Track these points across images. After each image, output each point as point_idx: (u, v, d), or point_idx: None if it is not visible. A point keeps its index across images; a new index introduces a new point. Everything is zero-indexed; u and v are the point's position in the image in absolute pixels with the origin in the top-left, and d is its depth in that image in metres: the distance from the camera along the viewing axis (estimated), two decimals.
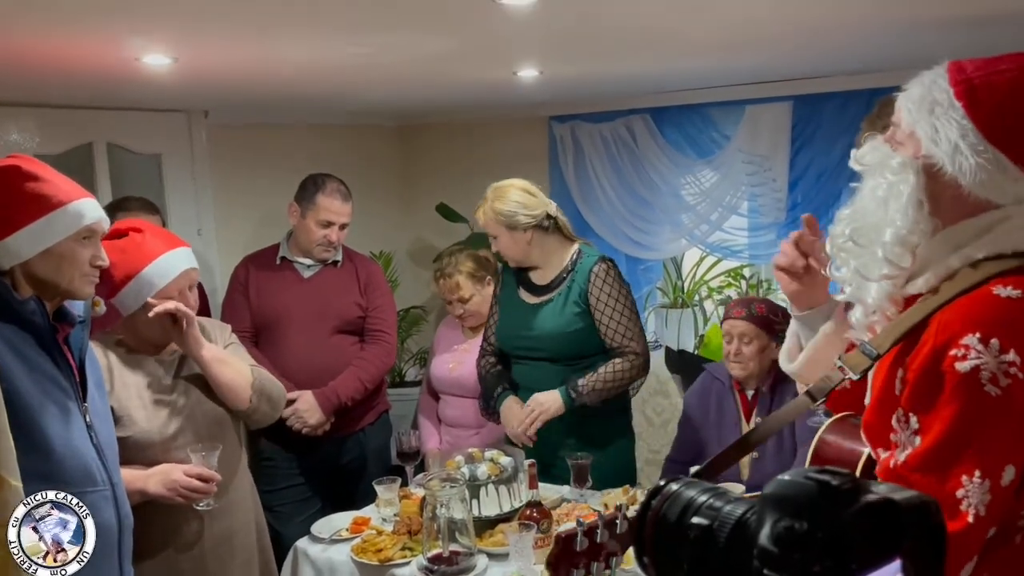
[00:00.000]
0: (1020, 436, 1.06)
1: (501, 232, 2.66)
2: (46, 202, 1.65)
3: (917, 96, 1.19)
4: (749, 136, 3.63)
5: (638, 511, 0.71)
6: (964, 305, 1.10)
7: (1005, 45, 2.70)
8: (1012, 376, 1.04)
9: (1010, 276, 1.10)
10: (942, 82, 1.16)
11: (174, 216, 3.63)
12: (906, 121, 1.20)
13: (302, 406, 2.90)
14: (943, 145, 1.14)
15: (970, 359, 1.05)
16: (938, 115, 1.15)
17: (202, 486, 2.03)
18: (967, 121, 1.12)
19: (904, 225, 1.16)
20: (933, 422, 1.08)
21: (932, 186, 1.16)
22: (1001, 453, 1.05)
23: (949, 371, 1.06)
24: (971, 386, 1.05)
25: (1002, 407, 1.04)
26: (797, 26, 2.30)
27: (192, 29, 1.99)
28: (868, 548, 0.57)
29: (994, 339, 1.05)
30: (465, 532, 2.08)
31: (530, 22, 2.04)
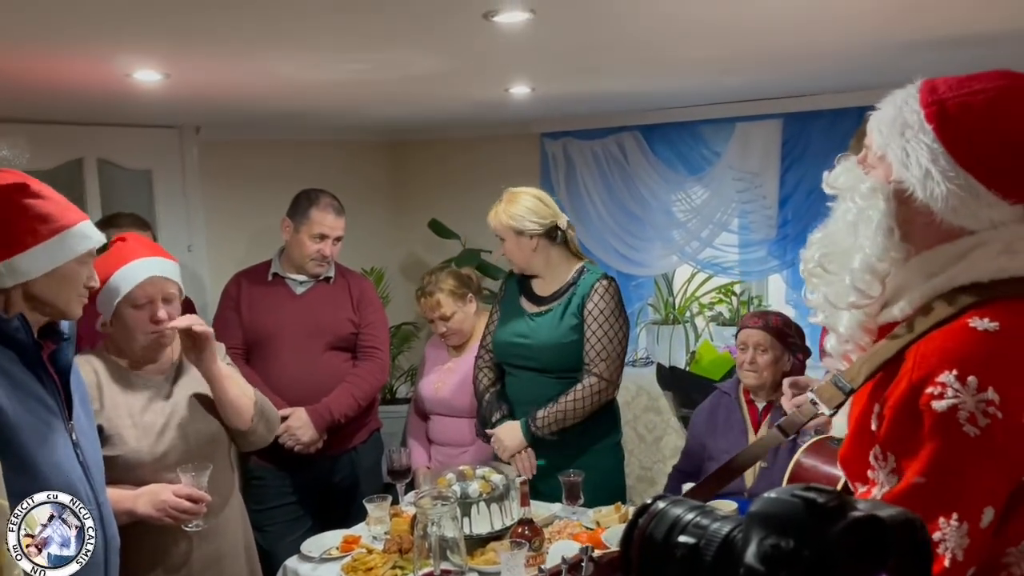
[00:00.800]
0: (1000, 477, 1.02)
1: (508, 235, 2.69)
2: (54, 222, 1.65)
3: (888, 118, 1.14)
4: (739, 153, 3.65)
5: (625, 530, 0.71)
6: (940, 339, 1.05)
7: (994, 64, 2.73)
8: (991, 416, 0.99)
9: (986, 306, 1.06)
10: (913, 103, 1.12)
11: (164, 232, 3.63)
12: (877, 143, 1.15)
13: (295, 423, 2.88)
14: (914, 170, 1.09)
15: (947, 398, 1.00)
16: (908, 138, 1.10)
17: (191, 507, 2.01)
18: (937, 145, 1.08)
19: (873, 252, 1.13)
20: (911, 462, 1.04)
21: (903, 211, 1.12)
22: (980, 495, 1.01)
23: (926, 410, 1.02)
24: (949, 426, 1.00)
25: (981, 448, 1.00)
26: (787, 46, 2.33)
27: (183, 45, 2.00)
28: (854, 565, 0.57)
29: (971, 376, 1.00)
30: (456, 550, 2.07)
31: (522, 40, 2.05)
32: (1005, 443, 1.00)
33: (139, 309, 2.09)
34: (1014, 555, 1.06)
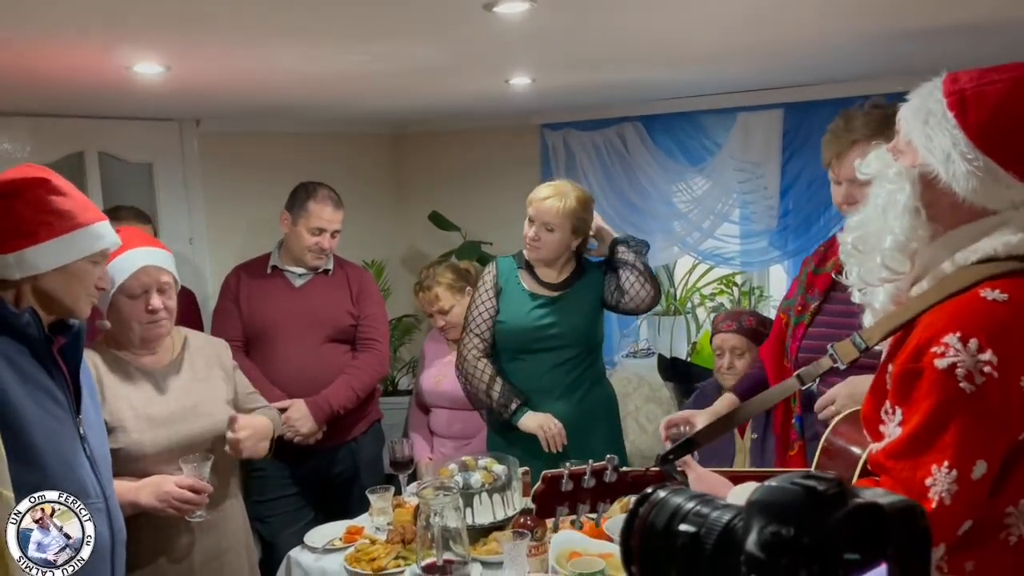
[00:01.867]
0: (993, 432, 1.10)
1: (564, 228, 2.69)
2: (70, 219, 1.65)
3: (914, 107, 1.23)
4: (740, 144, 3.64)
5: (625, 519, 0.71)
6: (951, 306, 1.14)
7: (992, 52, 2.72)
8: (987, 375, 1.08)
9: (1000, 279, 1.14)
10: (937, 93, 1.20)
11: (165, 225, 3.63)
12: (904, 131, 1.24)
13: (294, 415, 2.88)
14: (937, 154, 1.18)
15: (948, 356, 1.09)
16: (932, 125, 1.19)
17: (194, 497, 2.02)
18: (958, 130, 1.16)
19: (902, 232, 1.21)
20: (912, 414, 1.13)
21: (929, 194, 1.20)
22: (972, 447, 1.09)
23: (928, 367, 1.11)
24: (947, 381, 1.09)
25: (976, 403, 1.08)
26: (787, 36, 2.32)
27: (184, 38, 1.99)
28: (854, 552, 0.57)
29: (973, 339, 1.09)
30: (459, 540, 2.07)
31: (522, 31, 2.05)
32: (1000, 402, 1.09)
33: (134, 299, 2.09)
34: (1014, 515, 1.13)
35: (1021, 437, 1.12)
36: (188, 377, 2.21)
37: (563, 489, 1.53)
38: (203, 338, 2.39)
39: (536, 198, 2.69)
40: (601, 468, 1.55)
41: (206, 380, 2.25)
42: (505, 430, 2.76)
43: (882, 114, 1.92)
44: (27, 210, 1.61)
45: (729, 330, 2.75)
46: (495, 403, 2.73)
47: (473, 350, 2.79)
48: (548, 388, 2.72)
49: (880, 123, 1.90)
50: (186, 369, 2.22)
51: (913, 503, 0.60)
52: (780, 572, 0.57)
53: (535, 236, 2.69)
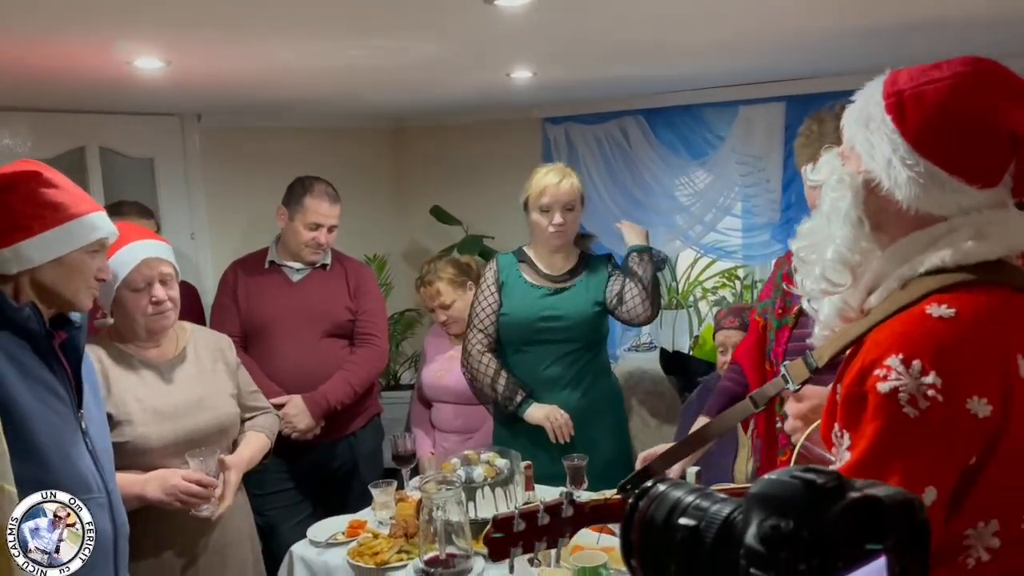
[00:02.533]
0: (940, 458, 1.04)
1: (578, 206, 2.78)
2: (64, 211, 1.65)
3: (857, 110, 1.18)
4: (743, 137, 3.64)
5: (625, 513, 0.71)
6: (896, 324, 1.08)
7: (994, 45, 2.71)
8: (931, 399, 1.01)
9: (948, 293, 1.07)
10: (876, 95, 1.15)
11: (167, 220, 3.63)
12: (847, 136, 1.19)
13: (291, 411, 2.88)
14: (879, 160, 1.12)
15: (890, 380, 1.03)
16: (872, 130, 1.13)
17: (201, 491, 2.02)
18: (896, 135, 1.10)
19: (843, 243, 1.15)
20: (859, 439, 1.07)
21: (874, 201, 1.15)
22: (920, 475, 1.03)
23: (871, 391, 1.05)
24: (890, 406, 1.03)
25: (920, 429, 1.02)
26: (789, 29, 2.31)
27: (185, 33, 1.99)
28: (853, 545, 0.58)
29: (916, 360, 1.02)
30: (462, 534, 2.08)
31: (523, 24, 2.04)
32: (945, 426, 1.02)
33: (138, 292, 2.10)
34: (973, 537, 1.08)
35: (972, 461, 1.05)
36: (194, 370, 2.22)
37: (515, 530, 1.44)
38: (207, 333, 2.40)
39: (549, 184, 2.72)
40: (556, 504, 1.48)
41: (211, 374, 2.25)
42: (511, 423, 2.77)
43: None
44: (20, 204, 1.62)
45: (732, 326, 2.75)
46: (500, 396, 2.74)
47: (477, 345, 2.80)
48: (553, 380, 2.73)
49: None
50: (191, 362, 2.23)
51: (912, 496, 0.60)
52: (779, 565, 0.57)
53: (561, 221, 2.72)
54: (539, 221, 2.73)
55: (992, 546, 1.07)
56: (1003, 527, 1.07)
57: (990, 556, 1.07)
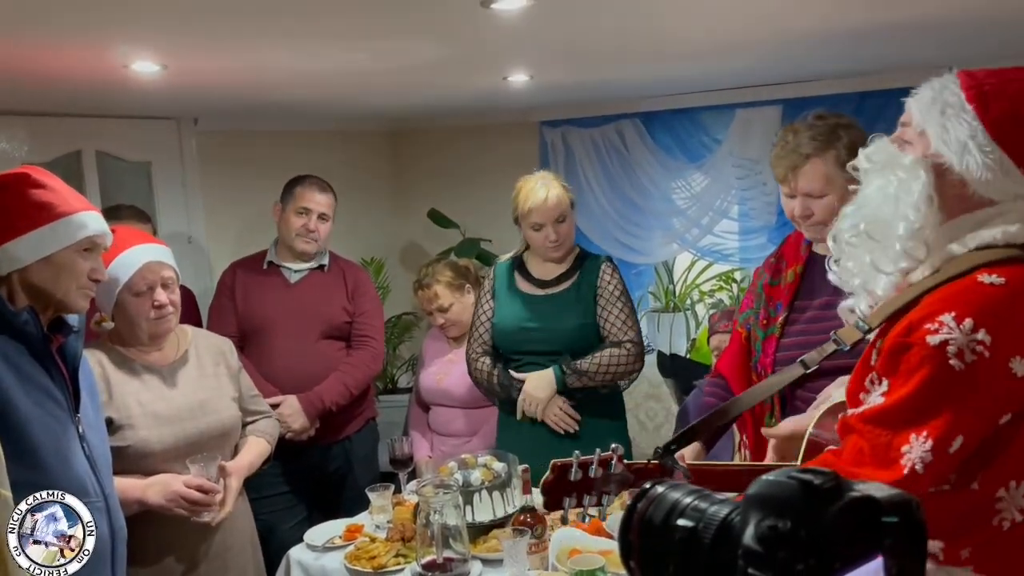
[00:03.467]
0: (976, 411, 1.12)
1: (569, 212, 2.72)
2: (51, 210, 1.66)
3: (927, 99, 1.25)
4: (739, 140, 3.65)
5: (624, 514, 0.71)
6: (949, 289, 1.16)
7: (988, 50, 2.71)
8: (978, 354, 1.10)
9: (997, 266, 1.16)
10: (953, 87, 1.23)
11: (164, 224, 3.63)
12: (916, 121, 1.26)
13: (286, 411, 2.88)
14: (952, 144, 1.20)
15: (941, 333, 1.11)
16: (949, 116, 1.21)
17: (202, 498, 2.02)
18: (977, 122, 1.19)
19: (917, 220, 1.22)
20: (900, 386, 1.14)
21: (939, 183, 1.22)
22: (954, 423, 1.11)
23: (919, 342, 1.13)
24: (937, 358, 1.11)
25: (963, 381, 1.10)
26: (785, 31, 2.32)
27: (181, 36, 1.99)
28: (850, 545, 0.58)
29: (968, 319, 1.11)
30: (459, 538, 2.07)
31: (520, 28, 2.05)
32: (988, 382, 1.11)
33: (140, 296, 2.09)
34: (1005, 499, 1.15)
35: (1003, 420, 1.13)
36: (195, 374, 2.22)
37: (571, 479, 1.56)
38: (209, 336, 2.40)
39: (536, 204, 2.64)
40: (607, 458, 1.58)
41: (213, 377, 2.25)
42: (515, 420, 2.76)
43: (827, 125, 1.92)
44: (9, 205, 1.63)
45: (726, 330, 2.75)
46: (498, 393, 2.75)
47: (476, 350, 2.82)
48: None
49: (828, 135, 1.91)
50: (193, 366, 2.23)
51: (909, 496, 0.60)
52: (777, 565, 0.57)
53: (555, 236, 2.68)
54: (533, 237, 2.72)
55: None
56: None
57: (1022, 518, 1.14)
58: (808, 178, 1.91)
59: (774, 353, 2.04)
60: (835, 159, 1.88)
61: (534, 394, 2.67)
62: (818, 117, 1.97)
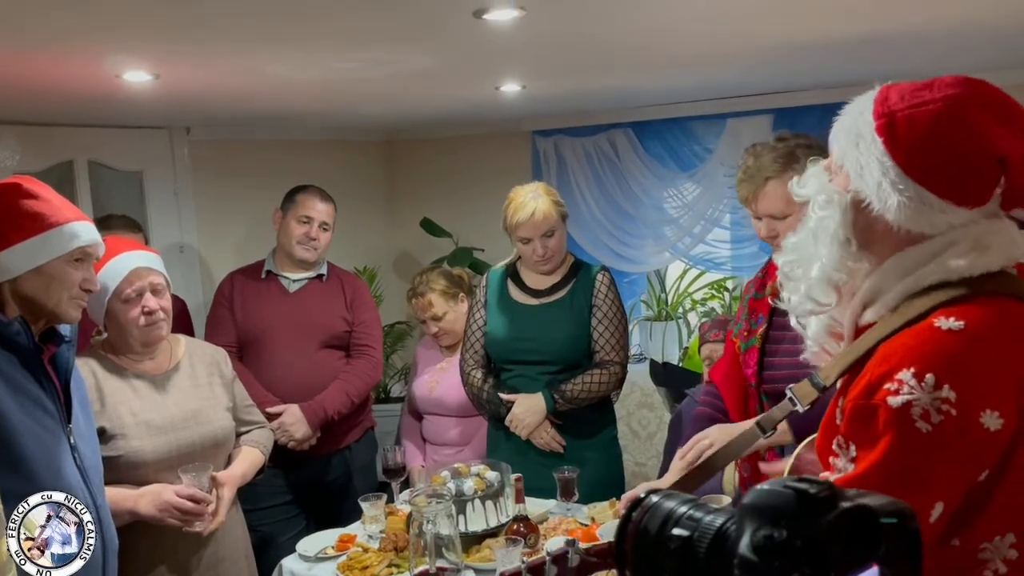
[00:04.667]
0: (952, 474, 1.03)
1: (559, 226, 2.68)
2: (42, 221, 1.65)
3: (846, 126, 1.17)
4: (731, 149, 3.66)
5: (619, 524, 0.71)
6: (905, 338, 1.07)
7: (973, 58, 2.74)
8: (945, 413, 1.00)
9: (954, 306, 1.06)
10: (867, 113, 1.14)
11: (156, 233, 3.62)
12: (836, 153, 1.18)
13: (288, 419, 2.87)
14: (868, 181, 1.11)
15: (903, 394, 1.01)
16: (862, 150, 1.12)
17: (194, 507, 2.01)
18: (887, 158, 1.09)
19: (829, 262, 1.14)
20: (866, 452, 1.05)
21: (863, 219, 1.13)
22: (930, 490, 1.02)
23: (882, 404, 1.03)
24: (902, 422, 1.01)
25: (933, 444, 1.01)
26: (776, 41, 2.33)
27: (174, 46, 1.99)
28: (846, 554, 0.58)
29: (929, 374, 1.01)
30: (452, 548, 2.07)
31: (512, 38, 2.05)
32: (959, 441, 1.01)
33: (129, 303, 2.08)
34: (990, 551, 1.06)
35: (984, 475, 1.04)
36: (189, 383, 2.21)
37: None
38: (203, 345, 2.39)
39: (522, 220, 2.62)
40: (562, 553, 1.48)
41: (207, 387, 2.24)
42: (505, 434, 2.76)
43: (787, 147, 1.94)
44: (0, 216, 1.62)
45: (716, 339, 2.76)
46: (489, 409, 2.75)
47: (469, 361, 2.82)
48: None
49: (787, 157, 1.92)
50: (186, 375, 2.22)
51: (903, 505, 0.60)
52: (773, 574, 0.57)
53: (543, 251, 2.66)
54: (522, 250, 2.71)
55: (1010, 558, 1.06)
56: (1020, 538, 1.06)
57: (1008, 568, 1.06)
58: (769, 200, 1.93)
59: (755, 365, 2.06)
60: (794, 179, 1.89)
61: (523, 418, 2.66)
62: (779, 139, 1.98)
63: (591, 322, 2.67)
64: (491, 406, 2.74)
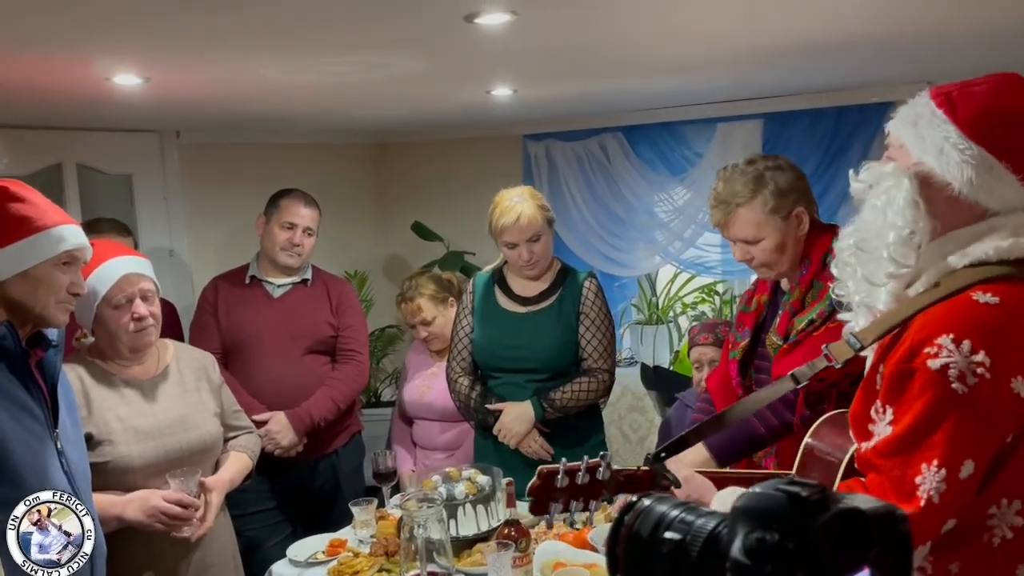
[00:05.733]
0: (982, 433, 1.12)
1: (545, 231, 2.66)
2: (28, 224, 1.64)
3: (903, 115, 1.27)
4: (721, 153, 3.67)
5: (611, 528, 0.71)
6: (944, 308, 1.16)
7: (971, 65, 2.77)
8: (979, 376, 1.10)
9: (992, 283, 1.16)
10: (923, 98, 1.25)
11: (145, 237, 3.60)
12: (894, 135, 1.28)
13: (274, 427, 2.86)
14: (930, 150, 1.21)
15: (941, 357, 1.11)
16: (922, 125, 1.23)
17: (182, 512, 1.99)
18: (949, 124, 1.20)
19: (904, 225, 1.22)
20: (904, 413, 1.14)
21: (926, 191, 1.22)
22: (962, 447, 1.11)
23: (921, 368, 1.13)
24: (939, 382, 1.11)
25: (967, 404, 1.10)
26: (766, 46, 2.34)
27: (163, 49, 1.99)
28: (837, 557, 0.58)
29: (966, 341, 1.11)
30: (443, 552, 2.06)
31: (504, 42, 2.06)
32: (991, 403, 1.11)
33: (119, 309, 2.07)
34: (997, 516, 1.15)
35: (1009, 439, 1.14)
36: (177, 389, 2.19)
37: (558, 485, 1.56)
38: (191, 350, 2.38)
39: (507, 225, 2.59)
40: (595, 465, 1.58)
41: (195, 392, 2.23)
42: (492, 435, 2.75)
43: (756, 171, 1.96)
44: None
45: (706, 343, 2.77)
46: (476, 417, 2.75)
47: (456, 368, 2.80)
48: None
49: (756, 181, 1.94)
50: (174, 381, 2.20)
51: (893, 508, 0.60)
52: None
53: (528, 255, 2.63)
54: (508, 255, 2.69)
55: (1016, 524, 1.15)
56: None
57: (1014, 535, 1.14)
58: (740, 226, 1.96)
59: (737, 375, 2.08)
60: (762, 205, 1.92)
61: (512, 427, 2.65)
62: (749, 162, 2.01)
63: (579, 329, 2.66)
64: (479, 415, 2.73)
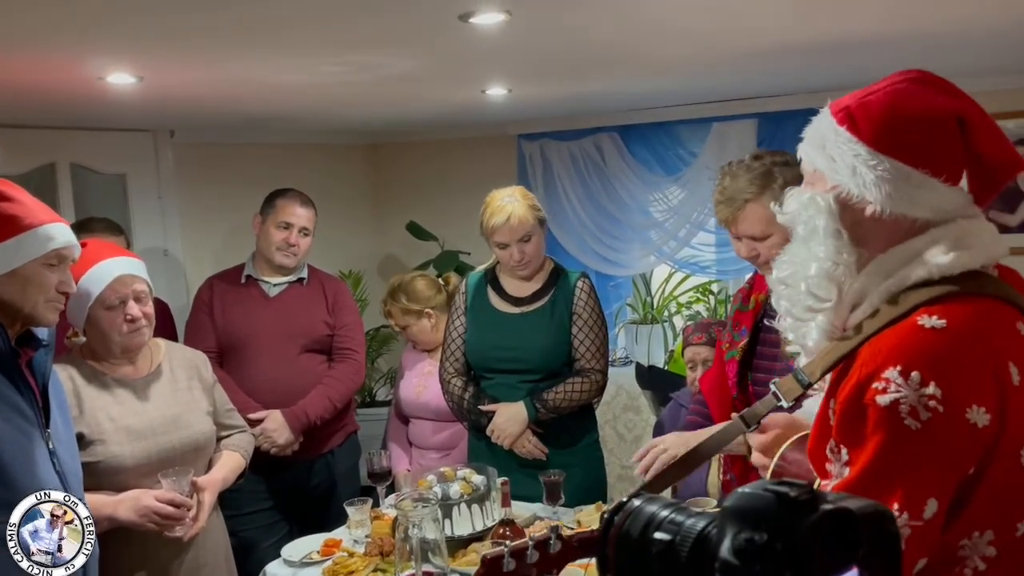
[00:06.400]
0: (941, 470, 1.04)
1: (536, 231, 2.65)
2: (16, 223, 1.64)
3: (810, 138, 1.22)
4: (716, 153, 3.68)
5: (600, 528, 0.71)
6: (889, 337, 1.09)
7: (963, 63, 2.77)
8: (932, 410, 1.02)
9: (936, 304, 1.09)
10: (825, 118, 1.19)
11: (139, 237, 3.59)
12: (806, 162, 1.22)
13: (270, 425, 2.85)
14: (843, 171, 1.15)
15: (890, 392, 1.03)
16: (829, 147, 1.16)
17: (174, 512, 1.99)
18: (854, 142, 1.14)
19: (826, 257, 1.16)
20: (859, 454, 1.07)
21: (849, 215, 1.16)
22: (923, 487, 1.04)
23: (871, 404, 1.05)
24: (891, 419, 1.04)
25: (922, 441, 1.03)
26: (761, 46, 2.35)
27: (158, 48, 1.98)
28: (826, 556, 0.58)
29: (915, 372, 1.03)
30: (438, 552, 2.06)
31: (498, 41, 2.06)
32: (947, 437, 1.03)
33: (112, 310, 2.07)
34: (968, 548, 1.08)
35: (971, 471, 1.06)
36: (169, 388, 2.19)
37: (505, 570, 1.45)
38: (183, 350, 2.37)
39: (498, 225, 2.59)
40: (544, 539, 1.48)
41: (187, 391, 2.23)
42: (486, 438, 2.75)
43: (763, 167, 1.95)
44: None
45: (700, 343, 2.77)
46: (470, 418, 2.75)
47: (449, 369, 2.80)
48: None
49: (764, 177, 1.93)
50: (166, 380, 2.20)
51: (883, 508, 0.61)
52: None
53: (519, 255, 2.63)
54: (500, 255, 2.68)
55: (988, 555, 1.08)
56: (998, 535, 1.08)
57: (987, 565, 1.08)
58: (749, 222, 1.94)
59: (735, 376, 2.07)
60: (771, 201, 1.90)
61: (505, 428, 2.65)
62: (755, 157, 1.99)
63: (571, 330, 2.66)
64: (472, 416, 2.73)
